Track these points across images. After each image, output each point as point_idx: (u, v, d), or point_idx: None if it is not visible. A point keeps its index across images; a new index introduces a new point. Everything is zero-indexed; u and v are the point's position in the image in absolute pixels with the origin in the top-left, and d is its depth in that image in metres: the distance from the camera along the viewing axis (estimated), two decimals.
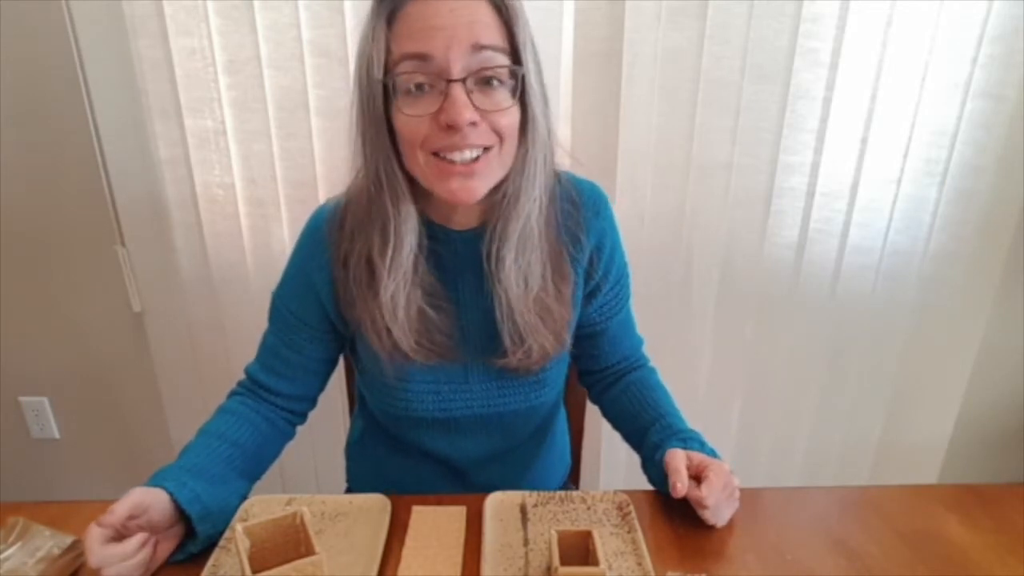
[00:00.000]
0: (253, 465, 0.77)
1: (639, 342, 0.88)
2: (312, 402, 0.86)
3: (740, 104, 1.18)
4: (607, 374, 0.87)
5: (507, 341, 0.72)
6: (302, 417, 0.85)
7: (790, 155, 1.22)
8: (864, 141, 1.19)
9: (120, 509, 0.59)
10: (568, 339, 0.77)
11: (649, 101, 1.19)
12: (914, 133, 1.18)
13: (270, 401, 0.80)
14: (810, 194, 1.24)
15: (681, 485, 0.66)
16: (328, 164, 1.26)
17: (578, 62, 1.19)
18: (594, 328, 0.82)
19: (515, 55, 0.62)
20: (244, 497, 0.72)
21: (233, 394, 0.81)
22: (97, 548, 0.59)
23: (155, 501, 0.62)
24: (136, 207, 1.35)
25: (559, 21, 1.15)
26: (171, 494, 0.63)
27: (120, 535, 0.60)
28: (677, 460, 0.68)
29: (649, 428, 0.78)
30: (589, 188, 0.78)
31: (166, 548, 0.64)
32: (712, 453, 0.73)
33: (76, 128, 1.31)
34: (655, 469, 0.73)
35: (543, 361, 0.74)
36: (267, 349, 0.80)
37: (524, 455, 0.85)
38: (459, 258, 0.73)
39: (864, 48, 1.13)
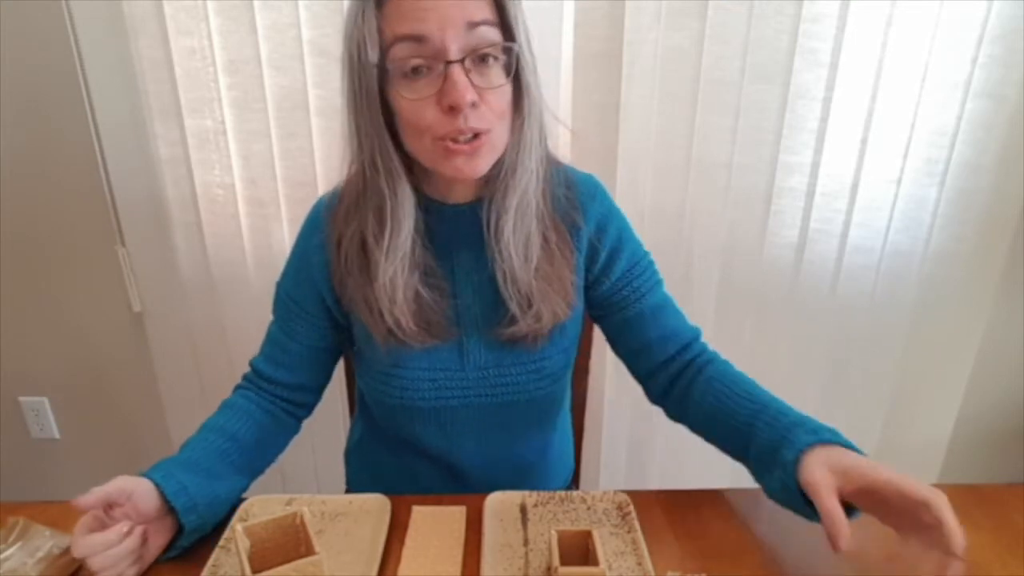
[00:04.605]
0: (252, 459, 0.76)
1: (695, 330, 0.80)
2: (314, 393, 0.85)
3: (740, 104, 1.18)
4: (672, 372, 0.78)
5: (515, 308, 0.71)
6: (306, 409, 0.85)
7: (790, 155, 1.22)
8: (864, 141, 1.19)
9: (98, 490, 0.59)
10: (576, 301, 0.76)
11: (649, 101, 1.19)
12: (914, 133, 1.18)
13: (271, 392, 0.81)
14: (810, 194, 1.24)
15: (843, 540, 0.50)
16: (328, 164, 1.26)
17: (578, 62, 1.19)
18: (623, 315, 0.78)
19: (507, 29, 0.62)
20: (241, 491, 0.72)
21: (237, 388, 0.82)
22: (79, 538, 0.59)
23: (139, 488, 0.62)
24: (136, 207, 1.35)
25: (559, 21, 1.15)
26: (158, 485, 0.63)
27: (106, 526, 0.60)
28: (824, 494, 0.53)
29: (752, 426, 0.67)
30: (585, 177, 0.78)
31: (157, 542, 0.64)
32: (849, 446, 0.58)
33: (76, 128, 1.31)
34: (782, 482, 0.59)
35: (553, 323, 0.73)
36: (270, 339, 0.82)
37: (524, 460, 0.84)
38: (455, 232, 0.73)
39: (864, 48, 1.13)
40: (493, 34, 0.61)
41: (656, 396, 0.82)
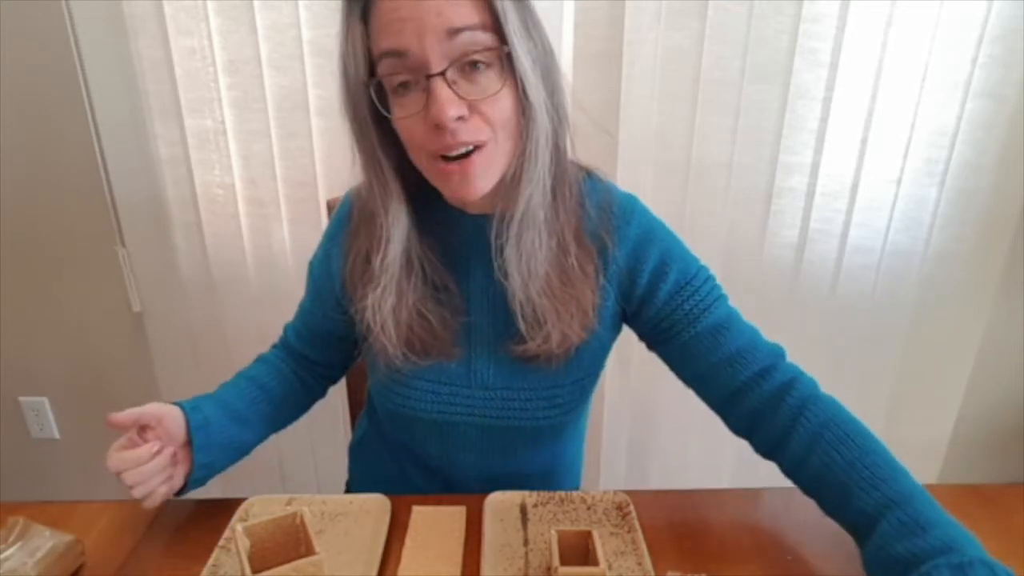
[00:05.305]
0: (278, 411, 0.81)
1: (774, 351, 0.70)
2: (338, 369, 0.88)
3: (740, 104, 1.18)
4: (752, 405, 0.67)
5: (522, 325, 0.67)
6: (331, 380, 0.89)
7: (790, 155, 1.22)
8: (864, 141, 1.19)
9: (131, 410, 0.65)
10: (595, 325, 0.69)
11: (649, 101, 1.19)
12: (914, 133, 1.18)
13: (299, 360, 0.84)
14: (810, 194, 1.24)
15: None
16: (328, 164, 1.26)
17: (578, 62, 1.19)
18: (680, 340, 0.70)
19: (500, 31, 0.57)
20: (259, 442, 0.77)
21: (273, 345, 0.86)
22: (113, 453, 0.64)
23: (169, 413, 0.67)
24: (136, 207, 1.35)
25: (559, 21, 1.15)
26: (185, 414, 0.68)
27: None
28: None
29: (877, 520, 0.56)
30: (623, 197, 0.73)
31: (184, 469, 0.69)
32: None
33: (76, 128, 1.31)
34: None
35: (566, 346, 0.67)
36: (300, 311, 0.84)
37: (526, 481, 0.77)
38: (469, 244, 0.70)
39: (864, 48, 1.13)
40: (481, 38, 0.56)
41: (739, 431, 0.71)
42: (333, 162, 1.26)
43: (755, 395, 0.67)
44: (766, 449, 0.68)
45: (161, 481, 0.66)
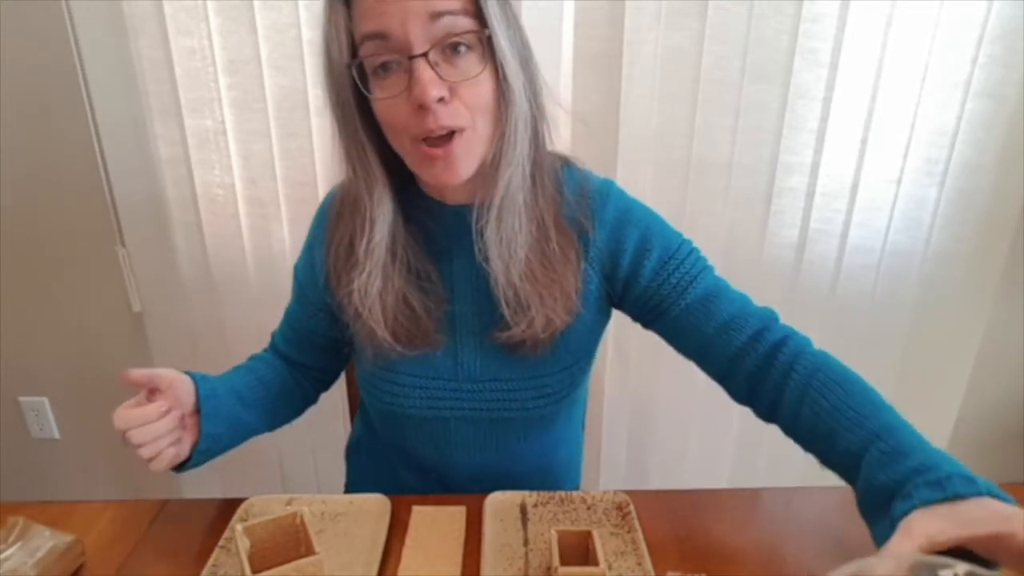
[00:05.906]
0: (275, 406, 0.80)
1: (766, 314, 0.71)
2: (328, 373, 0.88)
3: (740, 104, 1.18)
4: (749, 368, 0.68)
5: (505, 311, 0.67)
6: (322, 384, 0.88)
7: (790, 155, 1.22)
8: (864, 141, 1.19)
9: (146, 370, 0.65)
10: (580, 309, 0.70)
11: (649, 101, 1.19)
12: (914, 133, 1.18)
13: (288, 364, 0.84)
14: (810, 194, 1.24)
15: None
16: (328, 164, 1.26)
17: (578, 62, 1.19)
18: (671, 315, 0.70)
19: (481, 16, 0.58)
20: (257, 433, 0.77)
21: (265, 349, 0.87)
22: (121, 411, 0.63)
23: (179, 378, 0.67)
24: (136, 207, 1.35)
25: (559, 21, 1.15)
26: (195, 383, 0.69)
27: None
28: (901, 536, 0.46)
29: (861, 456, 0.56)
30: (600, 182, 0.74)
31: (192, 437, 0.69)
32: (990, 492, 0.47)
33: (76, 128, 1.31)
34: (885, 529, 0.50)
35: (550, 330, 0.68)
36: (286, 316, 0.85)
37: (522, 478, 0.77)
38: (450, 233, 0.70)
39: (864, 48, 1.13)
40: (462, 22, 0.57)
41: (740, 399, 0.71)
42: (333, 162, 1.26)
43: (751, 359, 0.68)
44: (766, 411, 0.68)
45: (169, 443, 0.65)
